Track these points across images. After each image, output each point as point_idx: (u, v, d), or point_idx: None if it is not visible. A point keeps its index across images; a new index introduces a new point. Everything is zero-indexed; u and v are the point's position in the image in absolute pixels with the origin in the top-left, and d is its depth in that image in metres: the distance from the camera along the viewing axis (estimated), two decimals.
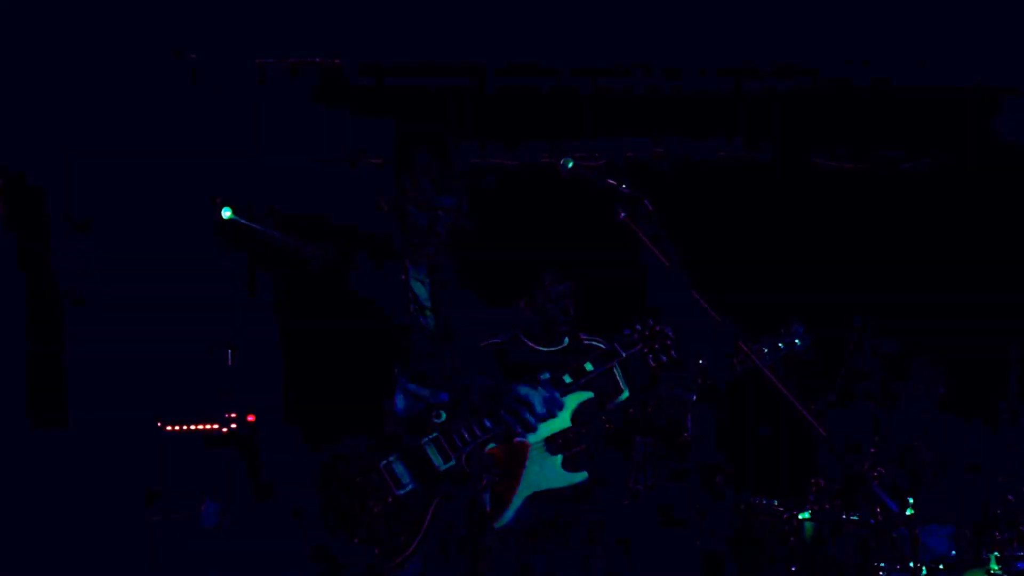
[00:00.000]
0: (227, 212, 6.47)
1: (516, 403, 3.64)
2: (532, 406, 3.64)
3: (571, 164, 3.44)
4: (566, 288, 5.33)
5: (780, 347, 4.88)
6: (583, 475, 5.00)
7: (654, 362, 4.34)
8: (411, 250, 3.85)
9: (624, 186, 3.39)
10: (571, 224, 6.18)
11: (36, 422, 6.51)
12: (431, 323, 3.83)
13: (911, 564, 4.89)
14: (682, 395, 4.98)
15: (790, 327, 4.93)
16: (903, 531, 5.10)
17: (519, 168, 6.98)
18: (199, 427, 6.48)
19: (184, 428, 6.47)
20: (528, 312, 5.36)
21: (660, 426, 5.09)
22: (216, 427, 6.48)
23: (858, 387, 6.12)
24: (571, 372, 3.90)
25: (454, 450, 3.65)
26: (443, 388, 3.74)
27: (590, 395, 4.76)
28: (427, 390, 3.73)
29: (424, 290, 3.89)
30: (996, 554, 4.86)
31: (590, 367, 4.00)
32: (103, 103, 6.22)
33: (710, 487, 6.37)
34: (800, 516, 5.63)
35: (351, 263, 3.77)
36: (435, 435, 3.65)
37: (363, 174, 6.73)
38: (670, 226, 3.38)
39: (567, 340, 5.38)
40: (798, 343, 4.91)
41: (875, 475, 5.11)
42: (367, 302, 3.72)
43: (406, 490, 3.58)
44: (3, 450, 6.26)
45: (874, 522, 5.15)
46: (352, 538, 3.49)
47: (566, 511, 5.07)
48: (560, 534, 5.11)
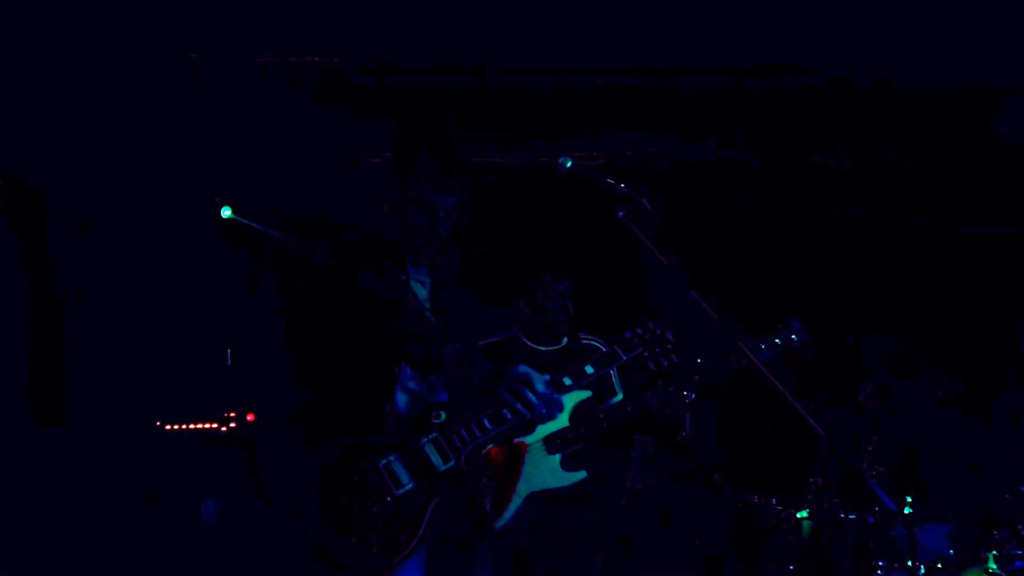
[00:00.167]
0: (227, 211, 6.48)
1: (517, 382, 3.62)
2: (532, 384, 3.62)
3: (570, 163, 3.44)
4: (565, 287, 5.33)
5: (777, 344, 4.89)
6: (582, 474, 5.01)
7: (654, 366, 4.32)
8: (412, 250, 3.86)
9: (623, 185, 3.39)
10: (570, 224, 6.17)
11: (36, 422, 6.51)
12: (431, 323, 3.84)
13: (909, 563, 4.89)
14: (680, 394, 4.98)
15: (788, 324, 4.93)
16: (901, 530, 5.10)
17: (518, 168, 6.98)
18: (199, 427, 6.48)
19: (184, 427, 6.47)
20: (527, 311, 5.36)
21: (658, 425, 5.09)
22: (216, 426, 6.49)
23: (857, 387, 6.11)
24: (571, 374, 3.89)
25: (453, 450, 3.65)
26: (443, 388, 3.75)
27: (588, 394, 4.76)
28: (427, 389, 3.73)
29: (424, 290, 3.90)
30: (994, 553, 4.87)
31: (590, 370, 3.99)
32: (103, 103, 6.22)
33: (709, 486, 6.37)
34: (798, 515, 5.63)
35: (351, 263, 3.78)
36: (434, 435, 3.65)
37: (363, 174, 6.73)
38: (669, 225, 3.38)
39: (566, 339, 5.37)
40: (795, 340, 4.92)
41: (873, 474, 5.11)
42: (367, 302, 3.72)
43: (405, 490, 3.58)
44: (3, 450, 6.26)
45: (872, 521, 5.16)
46: (351, 538, 3.50)
47: (565, 511, 5.07)
48: (559, 534, 5.11)
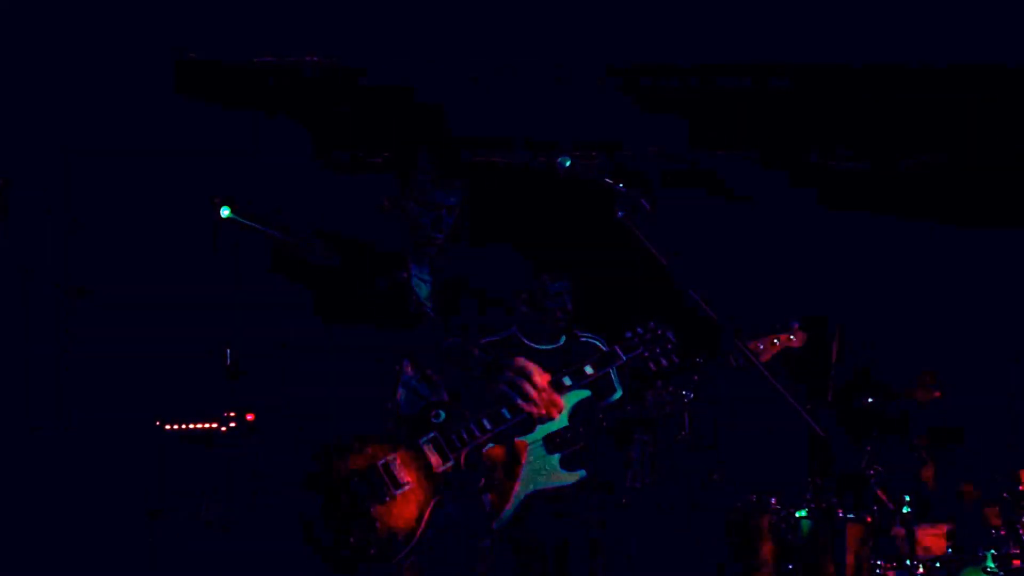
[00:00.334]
0: (226, 211, 6.46)
1: (517, 375, 3.60)
2: (531, 376, 3.61)
3: (569, 163, 3.44)
4: (563, 286, 5.33)
5: (776, 343, 4.90)
6: (581, 474, 5.01)
7: (654, 366, 4.30)
8: (414, 249, 3.86)
9: (621, 185, 3.39)
10: (569, 223, 6.18)
11: (36, 422, 6.51)
12: (432, 321, 3.84)
13: (907, 562, 4.89)
14: (680, 394, 4.99)
15: (786, 324, 4.94)
16: (900, 529, 5.11)
17: (517, 167, 6.98)
18: (199, 426, 6.47)
19: (184, 427, 6.47)
20: (526, 310, 5.37)
21: (657, 424, 5.10)
22: (216, 426, 6.48)
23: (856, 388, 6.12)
24: (571, 375, 3.88)
25: (452, 450, 3.65)
26: (443, 387, 3.75)
27: (587, 393, 4.76)
28: (427, 388, 3.73)
29: (425, 289, 3.90)
30: (992, 552, 4.87)
31: (590, 370, 3.98)
32: (103, 103, 6.23)
33: (708, 485, 6.37)
34: (797, 514, 5.64)
35: (352, 262, 3.78)
36: (433, 435, 3.65)
37: (363, 173, 6.73)
38: (668, 225, 3.39)
39: (564, 338, 5.38)
40: (793, 339, 4.92)
41: (871, 473, 5.12)
42: (368, 301, 3.73)
43: (404, 489, 3.58)
44: (3, 450, 6.26)
45: (871, 520, 5.16)
46: (349, 537, 3.49)
47: (565, 511, 5.07)
48: (559, 533, 5.11)
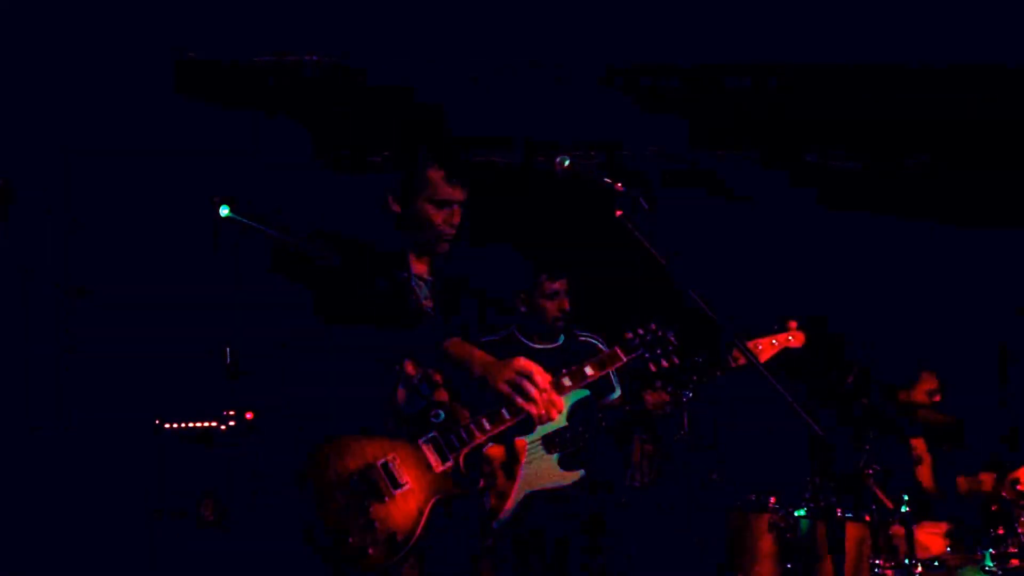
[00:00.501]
0: (225, 210, 6.44)
1: (518, 374, 3.60)
2: (532, 376, 3.61)
3: (568, 162, 3.45)
4: (562, 285, 5.34)
5: (775, 344, 4.91)
6: (580, 473, 5.02)
7: (655, 367, 4.31)
8: (425, 247, 3.86)
9: (621, 184, 3.39)
10: (568, 223, 6.18)
11: (36, 422, 6.51)
12: (432, 320, 3.84)
13: (906, 561, 4.89)
14: (679, 393, 4.99)
15: (785, 325, 4.95)
16: (898, 528, 5.10)
17: (517, 167, 6.98)
18: (198, 425, 6.48)
19: (183, 426, 6.47)
20: (524, 309, 5.37)
21: (656, 423, 5.11)
22: (215, 425, 6.48)
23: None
24: (571, 375, 3.88)
25: (452, 450, 3.65)
26: (443, 386, 3.75)
27: (586, 393, 4.77)
28: (428, 387, 3.73)
29: (426, 287, 3.90)
30: (991, 551, 4.87)
31: (590, 371, 3.98)
32: (103, 103, 6.22)
33: (707, 485, 6.37)
34: (796, 513, 5.63)
35: (352, 262, 3.78)
36: (433, 435, 3.66)
37: (363, 173, 6.73)
38: (667, 225, 3.39)
39: (563, 337, 5.39)
40: (792, 340, 4.93)
41: (870, 472, 5.11)
42: (368, 301, 3.73)
43: (403, 489, 3.58)
44: (3, 450, 6.26)
45: (869, 519, 5.16)
46: (348, 538, 3.49)
47: (564, 510, 5.08)
48: (559, 533, 5.12)
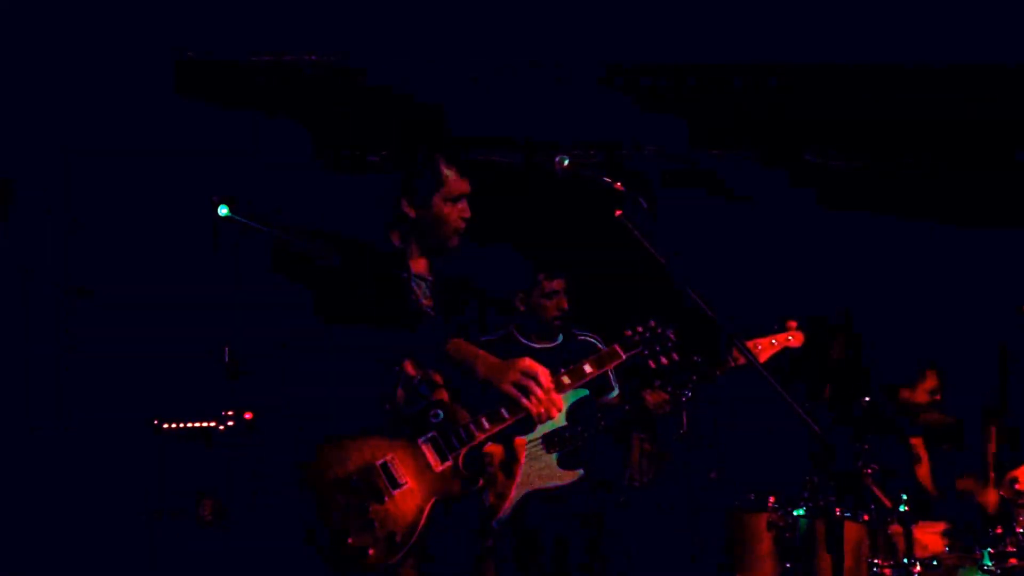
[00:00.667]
0: (224, 210, 6.44)
1: (523, 375, 3.60)
2: (537, 377, 3.61)
3: (567, 162, 3.45)
4: (560, 284, 5.34)
5: (774, 344, 4.92)
6: (580, 473, 5.02)
7: (654, 364, 4.32)
8: (435, 246, 3.86)
9: (620, 184, 3.40)
10: (568, 222, 6.18)
11: (36, 422, 6.51)
12: (432, 320, 3.84)
13: (904, 560, 4.90)
14: (678, 394, 5.00)
15: (784, 324, 4.96)
16: (897, 527, 5.11)
17: (517, 167, 6.98)
18: (197, 425, 6.48)
19: (183, 426, 6.47)
20: (522, 309, 5.37)
21: (655, 423, 5.11)
22: (214, 425, 6.48)
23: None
24: (570, 373, 3.89)
25: (451, 449, 3.65)
26: (443, 386, 3.75)
27: (585, 393, 4.77)
28: (428, 387, 3.73)
29: (426, 287, 3.90)
30: (989, 550, 4.87)
31: (589, 369, 3.99)
32: (103, 103, 6.23)
33: (706, 484, 6.38)
34: (795, 513, 5.64)
35: (352, 262, 3.78)
36: (432, 434, 3.66)
37: (363, 173, 6.74)
38: (667, 224, 3.39)
39: (561, 337, 5.39)
40: (791, 339, 4.94)
41: (869, 472, 5.11)
42: (368, 300, 3.73)
43: (402, 489, 3.59)
44: (3, 450, 6.26)
45: (868, 518, 5.16)
46: (348, 538, 3.50)
47: (564, 510, 5.08)
48: (558, 532, 5.12)
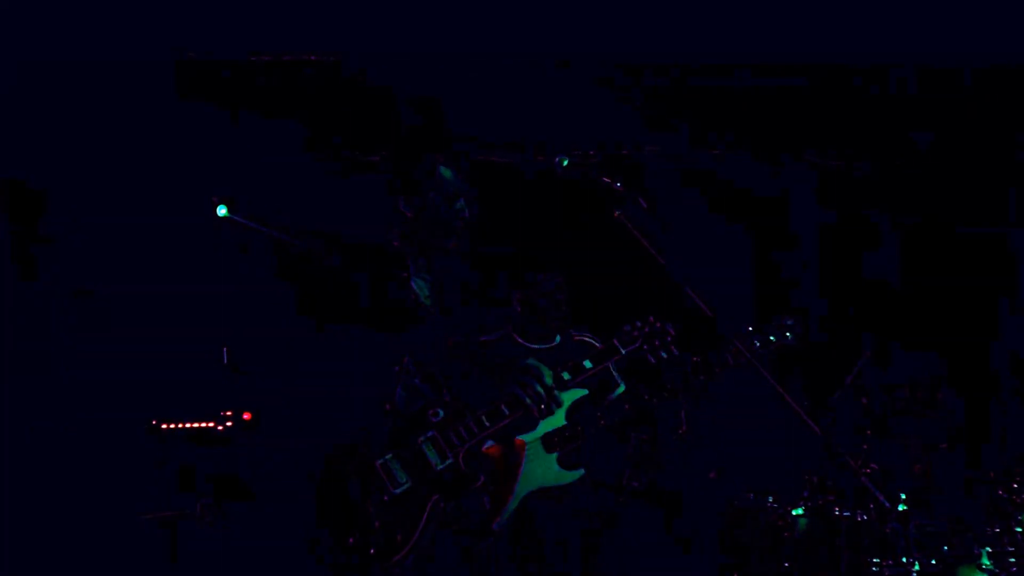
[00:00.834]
0: (223, 210, 6.45)
1: (526, 374, 3.62)
2: (542, 377, 3.63)
3: (566, 162, 3.46)
4: (558, 284, 5.33)
5: (772, 340, 4.92)
6: (580, 472, 5.02)
7: (653, 359, 4.33)
8: (435, 246, 3.87)
9: (619, 184, 3.41)
10: (565, 221, 6.19)
11: (36, 422, 6.52)
12: (432, 321, 3.85)
13: (903, 559, 4.91)
14: (677, 392, 5.00)
15: (781, 320, 4.96)
16: (895, 526, 5.12)
17: (514, 165, 6.99)
18: (196, 425, 6.48)
19: (182, 426, 6.48)
20: (521, 309, 5.36)
21: (655, 422, 5.11)
22: (212, 425, 6.49)
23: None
24: (570, 369, 3.90)
25: (451, 448, 3.67)
26: (444, 385, 3.76)
27: (584, 392, 4.77)
28: (430, 387, 3.74)
29: (426, 287, 3.91)
30: (988, 549, 4.88)
31: (589, 364, 4.00)
32: (102, 103, 6.23)
33: (706, 484, 6.39)
34: (794, 512, 5.65)
35: (352, 262, 3.80)
36: (432, 433, 3.67)
37: (363, 173, 6.74)
38: (666, 224, 3.41)
39: (559, 337, 5.39)
40: (789, 336, 4.94)
41: (867, 471, 5.13)
42: (368, 299, 3.74)
43: (402, 488, 3.59)
44: (3, 450, 6.27)
45: (866, 518, 5.18)
46: (347, 537, 3.50)
47: (564, 509, 5.08)
48: (558, 532, 5.12)
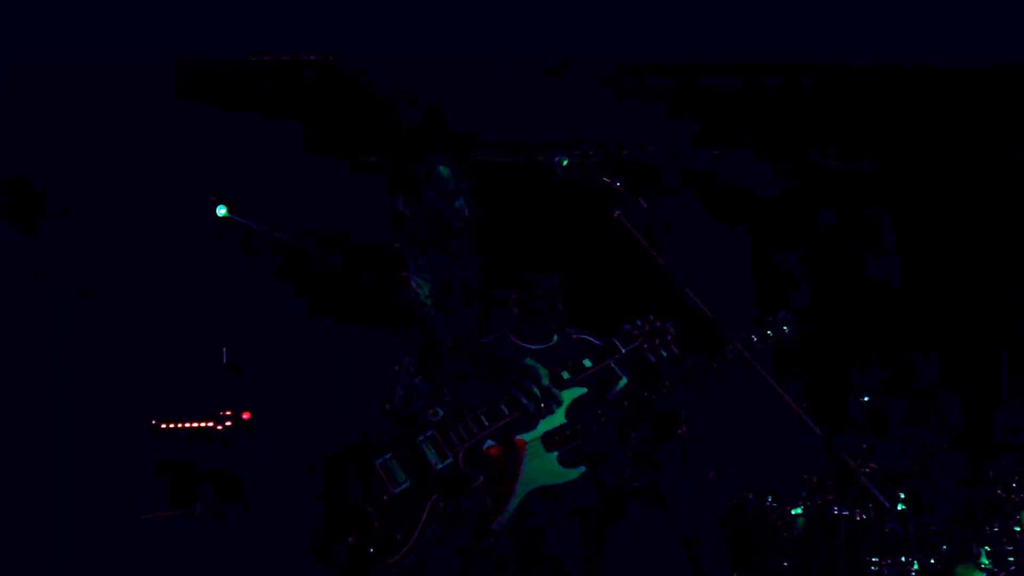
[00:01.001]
0: (222, 210, 6.46)
1: (523, 376, 3.62)
2: (539, 378, 3.63)
3: (566, 162, 3.46)
4: (556, 285, 5.33)
5: (768, 335, 4.93)
6: (580, 471, 5.02)
7: (653, 358, 4.33)
8: (433, 245, 3.87)
9: (618, 184, 3.41)
10: (565, 222, 6.19)
11: (36, 422, 6.52)
12: (432, 319, 3.84)
13: (902, 559, 4.92)
14: (676, 391, 5.00)
15: (777, 316, 4.97)
16: (895, 526, 5.13)
17: (513, 165, 6.99)
18: (196, 425, 6.49)
19: (182, 426, 6.48)
20: (518, 309, 5.37)
21: (655, 421, 5.11)
22: (212, 425, 6.50)
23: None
24: (569, 368, 3.90)
25: (451, 448, 3.66)
26: (444, 385, 3.75)
27: (583, 391, 4.77)
28: (430, 387, 3.74)
29: (426, 287, 3.91)
30: (987, 548, 4.89)
31: (588, 363, 4.00)
32: (102, 102, 6.23)
33: (706, 483, 6.38)
34: (793, 511, 5.66)
35: (352, 262, 3.79)
36: (431, 433, 3.66)
37: (363, 173, 6.74)
38: (664, 223, 3.41)
39: (557, 337, 5.39)
40: (786, 330, 4.96)
41: (867, 471, 5.14)
42: (368, 299, 3.74)
43: (402, 488, 3.59)
44: (3, 450, 6.27)
45: (865, 517, 5.19)
46: (347, 537, 3.50)
47: (564, 508, 5.08)
48: (559, 532, 5.12)
